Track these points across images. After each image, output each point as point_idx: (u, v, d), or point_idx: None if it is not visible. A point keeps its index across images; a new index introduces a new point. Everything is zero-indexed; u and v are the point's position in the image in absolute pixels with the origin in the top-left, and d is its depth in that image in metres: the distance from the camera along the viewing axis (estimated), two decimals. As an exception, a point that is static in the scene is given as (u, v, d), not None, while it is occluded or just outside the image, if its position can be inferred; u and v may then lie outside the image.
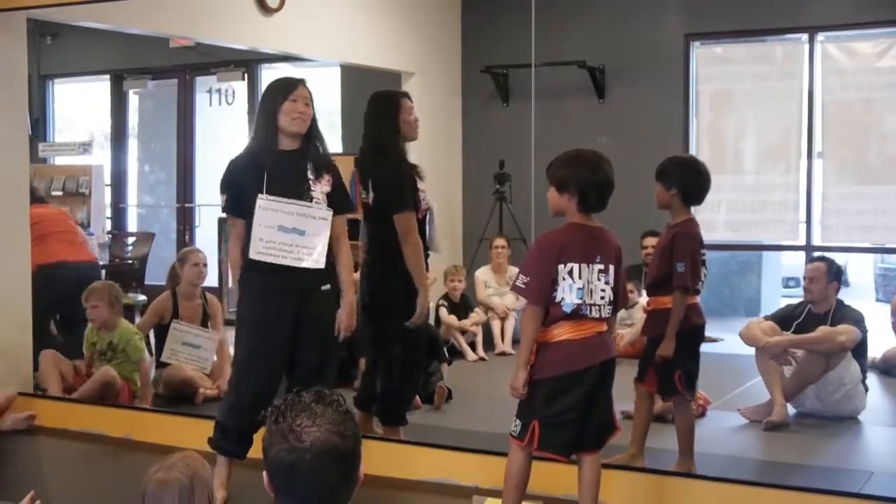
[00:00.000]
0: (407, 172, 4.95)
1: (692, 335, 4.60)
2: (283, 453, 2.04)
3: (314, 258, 4.32)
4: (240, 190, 4.37)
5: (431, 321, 7.25)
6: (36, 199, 6.81)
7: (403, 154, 5.03)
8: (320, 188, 4.35)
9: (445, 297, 7.93)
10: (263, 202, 4.29)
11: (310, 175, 4.35)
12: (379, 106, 5.08)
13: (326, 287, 4.40)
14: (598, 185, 3.72)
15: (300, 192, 4.32)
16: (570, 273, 3.65)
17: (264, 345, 4.40)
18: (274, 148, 4.35)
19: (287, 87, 4.36)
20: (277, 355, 4.40)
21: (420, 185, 4.98)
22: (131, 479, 5.09)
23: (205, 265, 6.61)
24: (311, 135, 4.39)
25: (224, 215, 4.73)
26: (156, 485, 2.69)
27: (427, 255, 5.04)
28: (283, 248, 4.30)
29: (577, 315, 3.67)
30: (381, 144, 5.01)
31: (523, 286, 3.70)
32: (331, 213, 4.34)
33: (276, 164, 4.32)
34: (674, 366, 4.53)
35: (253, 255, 4.33)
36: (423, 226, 5.02)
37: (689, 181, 4.57)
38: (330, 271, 4.40)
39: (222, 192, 4.47)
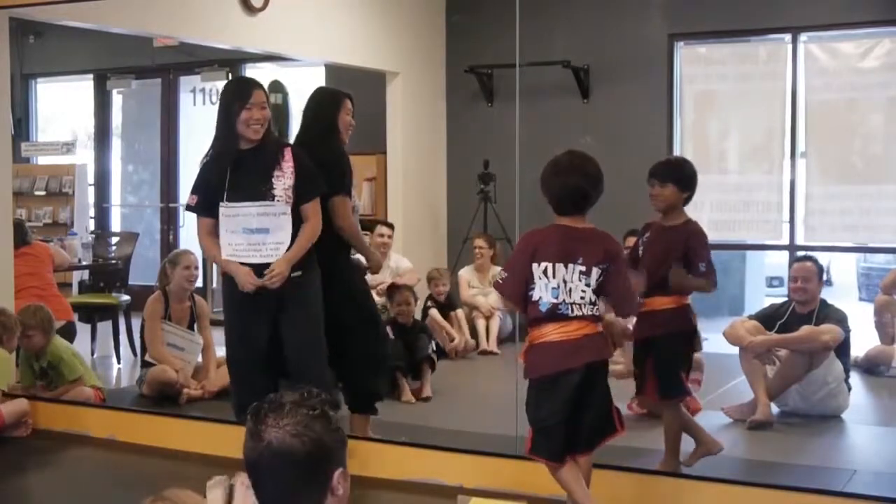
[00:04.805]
0: (346, 158, 5.00)
1: (691, 337, 4.61)
2: (247, 450, 2.10)
3: (281, 253, 4.48)
4: (209, 192, 4.56)
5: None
6: (22, 241, 6.78)
7: (341, 146, 5.04)
8: (281, 183, 4.49)
9: (431, 297, 7.92)
10: (225, 209, 4.50)
11: (272, 172, 4.49)
12: (320, 100, 5.13)
13: (297, 273, 4.53)
14: (567, 192, 3.74)
15: (262, 191, 4.48)
16: (545, 272, 3.67)
17: (243, 352, 4.64)
18: (234, 150, 4.53)
19: (241, 95, 4.51)
20: (258, 357, 4.59)
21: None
22: (115, 480, 5.11)
23: (196, 268, 6.57)
24: (267, 131, 4.55)
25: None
26: None
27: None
28: (251, 248, 4.48)
29: (556, 315, 3.67)
30: (318, 135, 4.96)
31: (500, 282, 3.80)
32: (289, 207, 4.47)
33: (236, 167, 4.50)
34: (678, 365, 4.53)
35: (224, 256, 4.53)
36: None
37: (695, 184, 4.61)
38: (301, 259, 4.53)
39: (193, 192, 4.67)
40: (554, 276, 3.66)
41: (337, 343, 4.86)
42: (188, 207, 4.71)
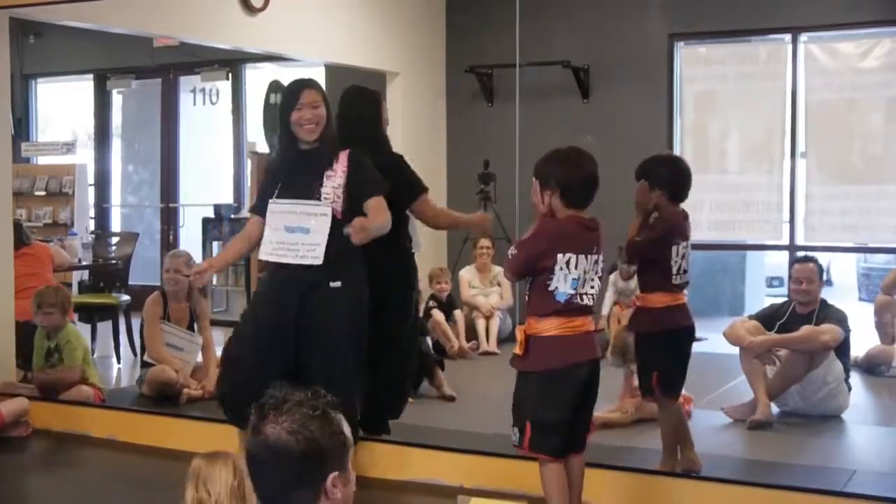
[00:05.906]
0: (404, 160, 4.98)
1: (677, 336, 4.52)
2: (249, 444, 2.13)
3: (315, 254, 4.39)
4: (265, 193, 4.58)
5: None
6: (21, 241, 6.78)
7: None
8: (331, 182, 4.43)
9: (433, 297, 7.93)
10: (272, 206, 4.50)
11: (324, 172, 4.45)
12: (360, 101, 5.03)
13: (336, 284, 4.43)
14: (581, 181, 3.71)
15: (310, 190, 4.44)
16: (568, 263, 3.64)
17: (253, 333, 4.55)
18: (291, 152, 4.55)
19: (291, 97, 4.50)
20: (267, 345, 4.46)
21: None
22: (115, 480, 5.12)
23: (176, 271, 6.36)
24: (325, 131, 4.50)
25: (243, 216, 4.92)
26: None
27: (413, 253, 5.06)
28: (288, 248, 4.43)
29: (569, 306, 3.65)
30: (374, 136, 4.89)
31: (510, 256, 3.74)
32: (329, 209, 4.39)
33: (291, 167, 4.53)
34: (651, 366, 4.50)
35: (261, 255, 4.54)
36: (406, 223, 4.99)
37: (676, 180, 4.54)
38: (342, 269, 4.43)
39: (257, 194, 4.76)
40: (576, 268, 3.64)
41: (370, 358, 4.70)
42: (250, 209, 4.79)
